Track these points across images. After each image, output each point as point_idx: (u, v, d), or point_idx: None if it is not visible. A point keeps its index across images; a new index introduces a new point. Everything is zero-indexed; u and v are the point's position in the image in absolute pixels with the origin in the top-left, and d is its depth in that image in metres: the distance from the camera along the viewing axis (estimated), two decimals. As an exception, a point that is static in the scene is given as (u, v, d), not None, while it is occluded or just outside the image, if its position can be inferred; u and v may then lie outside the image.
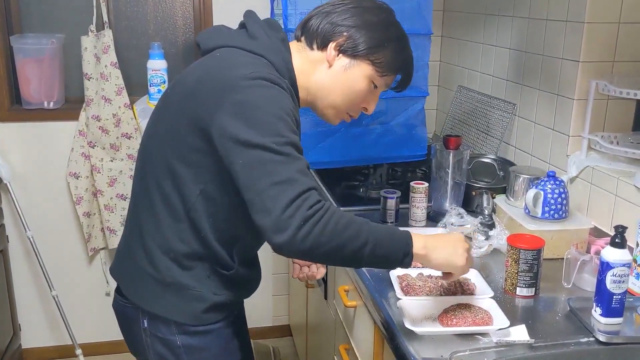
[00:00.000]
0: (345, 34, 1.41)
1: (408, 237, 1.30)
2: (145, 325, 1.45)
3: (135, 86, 2.89)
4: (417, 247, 1.29)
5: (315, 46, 1.44)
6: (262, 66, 1.33)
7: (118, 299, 1.54)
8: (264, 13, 2.66)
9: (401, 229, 1.33)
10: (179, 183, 1.35)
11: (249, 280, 1.55)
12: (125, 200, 2.88)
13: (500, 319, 1.35)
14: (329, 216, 1.20)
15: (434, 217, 1.98)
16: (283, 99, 1.28)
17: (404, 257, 1.28)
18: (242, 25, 1.46)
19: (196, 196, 1.35)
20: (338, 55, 1.42)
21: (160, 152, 1.38)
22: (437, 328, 1.35)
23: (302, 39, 1.47)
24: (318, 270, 1.69)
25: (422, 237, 1.32)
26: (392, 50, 1.44)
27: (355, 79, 1.43)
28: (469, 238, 1.74)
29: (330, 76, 1.44)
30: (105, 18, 2.71)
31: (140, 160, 1.47)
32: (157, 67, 2.73)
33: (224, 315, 1.47)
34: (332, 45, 1.42)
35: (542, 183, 1.72)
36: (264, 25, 1.44)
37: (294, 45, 1.47)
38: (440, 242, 1.35)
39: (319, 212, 1.19)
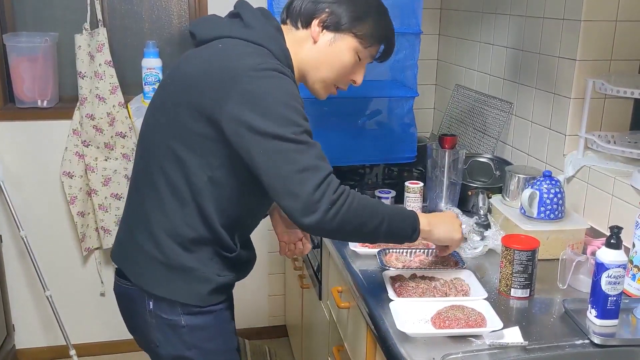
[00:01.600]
0: (327, 10, 1.47)
1: (415, 215, 1.45)
2: (151, 307, 1.49)
3: (130, 85, 2.87)
4: (423, 223, 1.45)
5: (300, 25, 1.50)
6: (266, 56, 1.39)
7: (120, 282, 1.56)
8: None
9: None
10: (186, 169, 1.40)
11: (248, 260, 1.62)
12: (120, 199, 2.85)
13: (493, 320, 1.34)
14: (351, 198, 1.32)
15: (429, 217, 1.96)
16: (291, 87, 1.36)
17: (412, 232, 1.43)
18: (234, 15, 1.51)
19: (204, 182, 1.40)
20: (322, 31, 1.48)
21: (163, 141, 1.42)
22: (429, 330, 1.33)
23: (288, 21, 1.53)
24: (305, 247, 1.75)
25: (425, 215, 1.48)
26: (373, 22, 1.50)
27: (340, 51, 1.49)
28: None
29: (317, 51, 1.50)
30: (99, 16, 2.68)
31: (141, 150, 1.51)
32: (151, 65, 2.70)
33: (225, 297, 1.53)
34: (315, 22, 1.48)
35: (538, 183, 1.70)
36: (258, 14, 1.49)
37: (283, 28, 1.52)
38: (441, 219, 1.52)
39: (343, 195, 1.31)
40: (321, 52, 1.49)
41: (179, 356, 1.52)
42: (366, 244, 1.74)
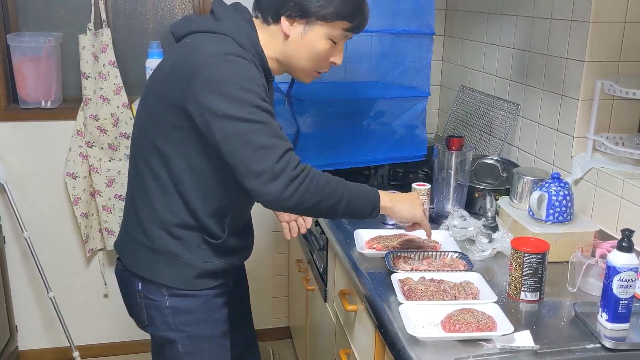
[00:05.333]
0: (291, 3, 1.49)
1: (377, 193, 1.55)
2: (139, 288, 1.59)
3: (134, 85, 2.85)
4: (384, 201, 1.55)
5: (270, 20, 1.54)
6: (225, 43, 1.45)
7: (118, 265, 1.67)
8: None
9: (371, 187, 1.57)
10: (166, 159, 1.49)
11: (239, 248, 1.68)
12: (123, 200, 2.84)
13: (504, 324, 1.32)
14: (311, 176, 1.40)
15: (436, 219, 1.95)
16: (248, 70, 1.42)
17: (372, 210, 1.53)
18: (210, 12, 1.59)
19: (182, 170, 1.48)
20: (292, 24, 1.52)
21: (146, 135, 1.52)
22: (439, 334, 1.32)
23: (259, 15, 1.57)
24: (305, 221, 1.91)
25: (388, 194, 1.58)
26: (341, 1, 1.50)
27: (313, 42, 1.52)
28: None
29: (291, 45, 1.54)
30: (103, 16, 2.67)
31: (132, 146, 1.61)
32: (156, 66, 2.70)
33: (217, 284, 1.61)
34: (283, 18, 1.51)
35: (547, 185, 1.69)
36: (229, 8, 1.56)
37: (256, 22, 1.57)
38: (402, 198, 1.63)
39: (303, 172, 1.39)
40: (295, 46, 1.53)
41: (163, 337, 1.60)
42: (373, 246, 1.73)
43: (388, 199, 1.57)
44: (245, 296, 1.96)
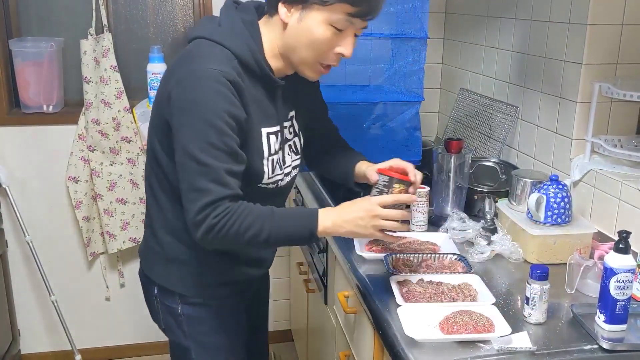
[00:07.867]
0: None
1: (314, 219, 1.41)
2: (156, 292, 1.61)
3: (135, 90, 2.87)
4: (324, 227, 1.42)
5: (273, 11, 1.44)
6: (218, 61, 1.36)
7: (140, 269, 1.70)
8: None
9: (312, 208, 1.48)
10: (163, 167, 1.48)
11: (253, 259, 1.65)
12: (125, 204, 2.86)
13: (502, 325, 1.33)
14: (231, 222, 1.34)
15: (435, 222, 1.96)
16: (221, 101, 1.33)
17: (310, 237, 1.43)
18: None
19: (176, 178, 1.43)
20: (289, 11, 1.40)
21: (151, 144, 1.51)
22: (437, 335, 1.33)
23: (266, 10, 1.48)
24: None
25: (330, 216, 1.42)
26: None
27: (311, 27, 1.38)
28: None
29: (290, 34, 1.42)
30: (104, 21, 2.69)
31: (146, 155, 1.60)
32: (157, 70, 2.71)
33: (227, 293, 1.61)
34: (280, 4, 1.40)
35: (545, 187, 1.70)
36: (232, 12, 1.46)
37: (263, 22, 1.47)
38: (347, 217, 1.43)
39: (222, 220, 1.33)
40: (293, 34, 1.41)
41: (178, 343, 1.62)
42: (372, 249, 1.74)
43: (329, 223, 1.42)
44: (264, 305, 1.95)
